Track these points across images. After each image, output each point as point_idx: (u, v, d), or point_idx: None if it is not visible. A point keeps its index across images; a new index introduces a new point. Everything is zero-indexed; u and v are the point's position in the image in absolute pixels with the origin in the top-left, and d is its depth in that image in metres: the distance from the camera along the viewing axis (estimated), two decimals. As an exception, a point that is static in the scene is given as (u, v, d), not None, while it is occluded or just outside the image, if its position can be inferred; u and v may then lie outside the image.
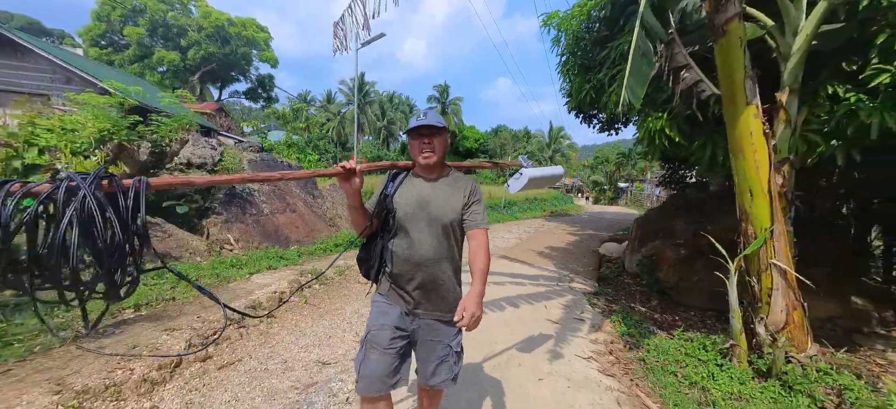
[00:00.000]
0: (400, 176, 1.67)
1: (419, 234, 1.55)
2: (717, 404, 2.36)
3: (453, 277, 1.62)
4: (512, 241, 9.66)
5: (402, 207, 1.57)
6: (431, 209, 1.56)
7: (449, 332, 1.61)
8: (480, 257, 1.54)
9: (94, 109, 4.74)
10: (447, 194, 1.59)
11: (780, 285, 2.67)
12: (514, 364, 2.90)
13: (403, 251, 1.57)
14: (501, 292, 4.88)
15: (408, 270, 1.56)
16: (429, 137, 1.55)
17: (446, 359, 1.60)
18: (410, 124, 1.56)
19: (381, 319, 1.59)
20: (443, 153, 1.60)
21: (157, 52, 21.61)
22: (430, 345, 1.60)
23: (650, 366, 2.91)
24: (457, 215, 1.57)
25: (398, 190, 1.62)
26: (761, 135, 2.66)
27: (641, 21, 2.38)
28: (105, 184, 1.08)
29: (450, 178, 1.66)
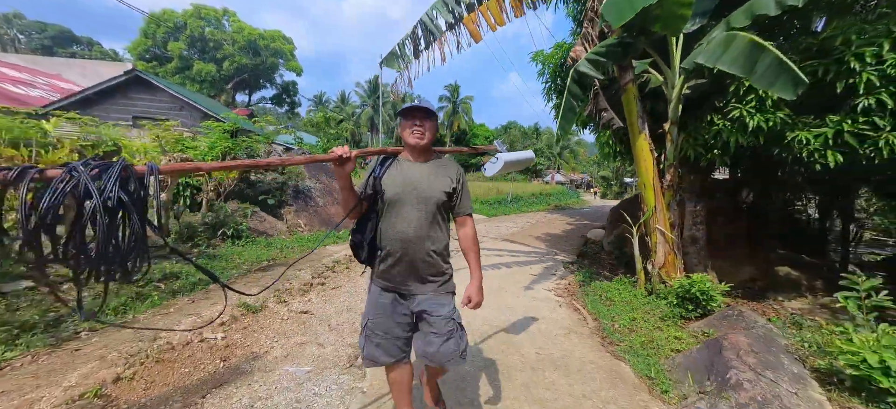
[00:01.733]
0: (388, 160, 1.73)
1: (407, 214, 1.61)
2: (615, 303, 4.18)
3: (441, 253, 1.68)
4: (515, 229, 11.46)
5: (390, 188, 1.63)
6: (419, 190, 1.62)
7: (447, 304, 1.68)
8: (473, 244, 1.70)
9: (211, 131, 6.76)
10: (434, 176, 1.66)
11: (661, 240, 4.45)
12: (504, 291, 4.76)
13: (393, 232, 1.62)
14: (500, 260, 6.73)
15: (398, 248, 1.61)
16: (421, 119, 1.63)
17: (450, 335, 1.65)
18: (404, 105, 1.65)
19: (377, 309, 1.68)
20: (432, 138, 1.67)
21: (196, 65, 24.00)
22: (433, 320, 1.65)
23: (587, 293, 4.73)
24: (443, 196, 1.64)
25: (386, 172, 1.67)
26: (648, 152, 4.43)
27: (568, 90, 4.16)
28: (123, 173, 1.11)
29: (436, 161, 1.74)
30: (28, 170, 1.02)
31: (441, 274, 1.68)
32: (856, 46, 3.91)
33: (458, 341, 1.66)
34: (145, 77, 10.32)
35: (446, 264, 1.71)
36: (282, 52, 26.04)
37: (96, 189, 1.04)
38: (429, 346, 1.65)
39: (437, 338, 1.63)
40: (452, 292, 1.74)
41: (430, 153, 1.73)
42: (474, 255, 1.73)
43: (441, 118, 42.78)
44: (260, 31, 24.96)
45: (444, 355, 1.64)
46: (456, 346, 1.65)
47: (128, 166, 1.13)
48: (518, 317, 3.85)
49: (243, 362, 2.72)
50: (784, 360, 2.20)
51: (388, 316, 1.66)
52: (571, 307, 4.28)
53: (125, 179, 1.11)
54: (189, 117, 9.79)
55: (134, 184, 1.12)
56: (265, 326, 3.31)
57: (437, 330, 1.63)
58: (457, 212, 1.73)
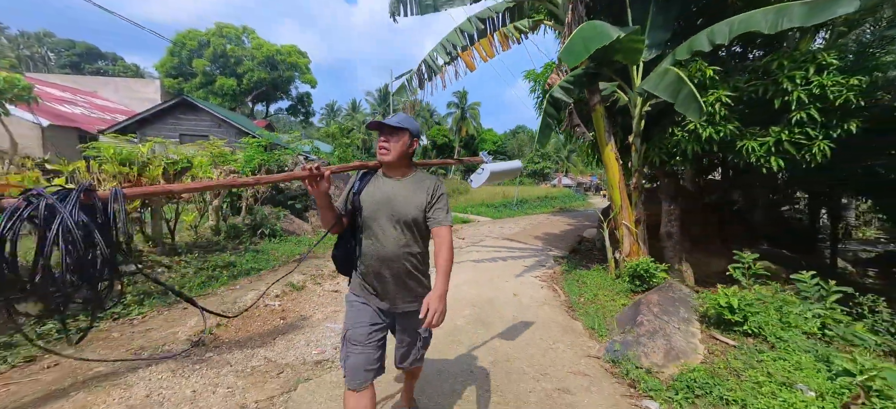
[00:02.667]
0: (368, 175, 1.73)
1: (383, 230, 1.62)
2: (587, 285, 5.09)
3: (419, 269, 1.70)
4: (516, 229, 12.36)
5: (368, 204, 1.64)
6: (394, 206, 1.62)
7: (419, 322, 1.67)
8: (443, 254, 1.62)
9: (248, 146, 7.90)
10: (410, 192, 1.66)
11: (626, 233, 5.35)
12: (496, 278, 5.70)
13: (370, 248, 1.64)
14: (498, 255, 7.67)
15: (375, 265, 1.64)
16: (386, 135, 1.63)
17: (414, 346, 1.76)
18: (373, 122, 1.64)
19: (356, 317, 1.70)
20: (399, 153, 1.64)
21: (219, 80, 25.60)
22: (403, 334, 1.76)
23: (567, 278, 5.64)
24: (419, 213, 1.64)
25: (365, 189, 1.69)
26: (614, 160, 5.35)
27: (545, 111, 5.11)
28: (83, 197, 1.10)
29: (414, 176, 1.72)
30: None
31: (418, 290, 1.71)
32: (788, 70, 4.78)
33: (417, 352, 1.82)
34: (190, 101, 11.78)
35: (424, 280, 1.74)
36: (297, 66, 27.56)
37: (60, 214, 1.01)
38: (405, 357, 1.80)
39: (404, 347, 1.78)
40: None
41: (409, 168, 1.73)
42: (444, 265, 1.62)
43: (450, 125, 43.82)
44: (277, 47, 26.51)
45: (412, 361, 1.81)
46: (417, 354, 1.82)
47: (90, 190, 1.12)
48: (504, 294, 4.80)
49: (296, 320, 3.73)
50: (681, 309, 3.11)
51: (367, 326, 1.67)
52: (551, 289, 5.21)
53: (89, 205, 1.09)
54: (226, 134, 11.10)
55: (98, 209, 1.11)
56: (307, 299, 4.33)
57: (412, 344, 1.78)
58: (431, 223, 1.68)
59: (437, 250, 1.64)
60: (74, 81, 22.86)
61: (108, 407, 2.08)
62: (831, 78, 4.55)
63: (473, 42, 5.29)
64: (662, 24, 5.27)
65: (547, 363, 2.86)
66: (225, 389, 2.35)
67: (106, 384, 2.29)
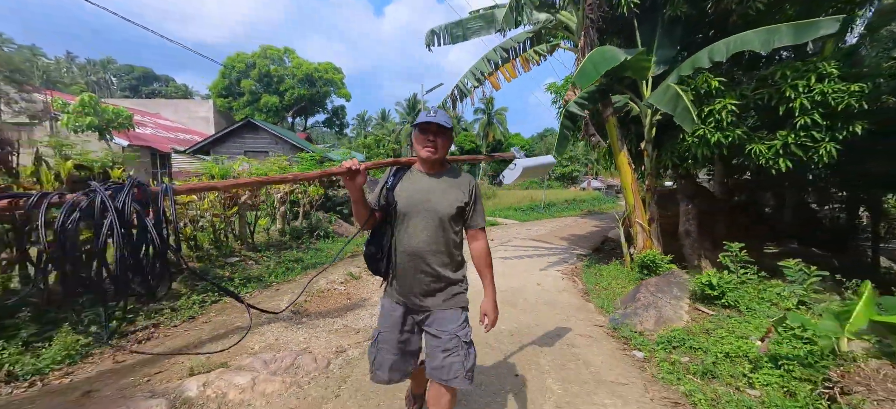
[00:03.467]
0: (401, 171, 1.74)
1: (417, 227, 1.61)
2: (603, 276, 5.75)
3: (452, 267, 1.67)
4: (543, 231, 12.97)
5: (402, 200, 1.63)
6: (430, 202, 1.62)
7: (454, 321, 1.65)
8: (485, 257, 1.69)
9: (303, 161, 9.11)
10: (447, 188, 1.65)
11: (640, 231, 5.95)
12: (523, 271, 6.46)
13: (403, 244, 1.63)
14: (525, 253, 8.40)
15: (407, 261, 1.62)
16: (434, 134, 1.61)
17: (455, 351, 1.61)
18: (418, 119, 1.61)
19: (388, 320, 1.70)
20: (445, 152, 1.66)
21: (263, 98, 27.82)
22: (436, 336, 1.65)
23: (586, 272, 6.31)
24: (455, 210, 1.63)
25: (399, 184, 1.68)
26: (627, 165, 5.99)
27: (562, 124, 5.82)
28: (136, 192, 1.14)
29: (450, 173, 1.72)
30: (46, 196, 1.05)
31: (451, 288, 1.67)
32: (791, 79, 5.28)
33: (464, 359, 1.61)
34: (254, 122, 13.52)
35: (458, 279, 1.69)
36: (333, 81, 29.44)
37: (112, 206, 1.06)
38: (433, 360, 1.64)
39: (442, 353, 1.61)
40: (463, 307, 1.71)
41: (443, 165, 1.72)
42: (488, 270, 1.71)
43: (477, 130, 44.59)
44: (315, 65, 28.48)
45: (447, 370, 1.60)
46: (461, 365, 1.60)
47: (141, 185, 1.16)
48: (529, 284, 5.56)
49: (358, 301, 4.69)
50: (674, 289, 3.76)
51: (397, 330, 1.68)
52: (571, 280, 5.91)
53: (141, 200, 1.14)
54: (282, 149, 12.62)
55: (150, 203, 1.16)
56: (365, 286, 5.30)
57: (442, 345, 1.62)
58: (469, 225, 1.71)
59: (479, 254, 1.70)
60: (140, 103, 25.69)
61: (254, 344, 3.08)
62: (831, 86, 4.99)
63: (498, 67, 6.13)
64: (668, 43, 5.88)
65: (560, 330, 3.62)
66: (323, 339, 3.30)
67: (248, 334, 3.31)
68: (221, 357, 2.69)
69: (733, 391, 2.36)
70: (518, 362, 2.92)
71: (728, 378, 2.46)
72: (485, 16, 6.19)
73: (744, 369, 2.48)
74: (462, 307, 1.69)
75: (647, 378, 2.66)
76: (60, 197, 1.05)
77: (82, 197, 1.06)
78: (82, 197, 1.06)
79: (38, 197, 1.04)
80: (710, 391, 2.38)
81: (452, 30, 6.24)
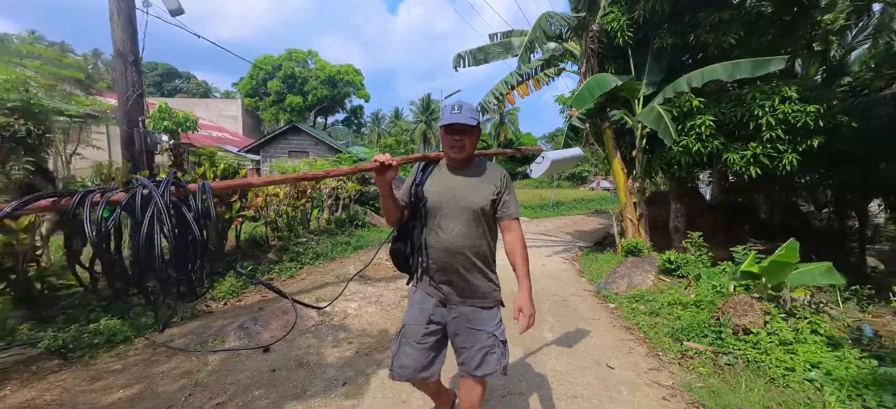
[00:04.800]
0: (430, 167, 1.72)
1: (449, 222, 1.59)
2: (597, 261, 6.99)
3: (485, 263, 1.65)
4: (551, 227, 14.18)
5: (433, 195, 1.62)
6: (461, 197, 1.60)
7: (490, 319, 1.64)
8: (520, 250, 1.66)
9: (340, 159, 10.53)
10: (477, 183, 1.64)
11: (630, 224, 7.17)
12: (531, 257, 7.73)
13: (435, 240, 1.61)
14: (533, 244, 9.66)
15: (440, 258, 1.60)
16: (460, 134, 1.58)
17: (492, 349, 1.61)
18: (443, 120, 1.58)
19: (415, 313, 1.68)
20: (473, 149, 1.64)
21: (288, 98, 29.51)
22: (471, 334, 1.62)
23: (584, 259, 7.55)
24: (487, 203, 1.61)
25: (428, 180, 1.67)
26: (620, 169, 7.20)
27: (566, 135, 7.04)
28: (174, 189, 1.14)
29: (479, 167, 1.70)
30: (89, 193, 1.05)
31: (488, 285, 1.66)
32: (759, 100, 6.41)
33: (500, 357, 1.62)
34: (298, 126, 15.26)
35: (491, 275, 1.68)
36: (353, 82, 31.01)
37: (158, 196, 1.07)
38: (470, 357, 1.63)
39: (478, 352, 1.61)
40: (495, 305, 1.70)
41: (472, 160, 1.69)
42: (522, 261, 1.66)
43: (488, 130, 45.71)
44: (337, 68, 30.08)
45: (485, 366, 1.61)
46: (497, 362, 1.61)
47: (179, 182, 1.16)
48: (535, 265, 6.82)
49: (402, 273, 6.05)
50: (646, 265, 5.00)
51: (424, 323, 1.66)
52: (571, 264, 7.17)
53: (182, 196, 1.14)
54: (321, 150, 14.17)
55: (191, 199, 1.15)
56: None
57: (478, 343, 1.61)
58: (501, 216, 1.67)
59: (513, 246, 1.66)
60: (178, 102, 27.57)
61: (346, 290, 4.47)
62: (791, 106, 6.10)
63: (514, 87, 7.40)
64: (657, 68, 7.06)
65: (558, 293, 4.89)
66: (390, 294, 4.65)
67: (333, 284, 4.69)
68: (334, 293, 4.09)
69: (667, 319, 3.62)
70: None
71: (666, 315, 3.71)
72: (503, 43, 7.47)
73: (678, 310, 3.73)
74: (494, 306, 1.69)
75: (613, 317, 3.95)
76: (101, 195, 1.06)
77: (122, 194, 1.08)
78: (122, 194, 1.08)
79: (82, 195, 1.05)
80: (652, 321, 3.65)
81: (476, 54, 7.53)
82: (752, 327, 2.93)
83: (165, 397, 2.33)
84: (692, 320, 3.37)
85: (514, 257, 1.67)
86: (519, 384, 2.62)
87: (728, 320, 3.08)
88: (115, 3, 3.74)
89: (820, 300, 3.47)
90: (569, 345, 3.29)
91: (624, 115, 7.58)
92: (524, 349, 3.18)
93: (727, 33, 6.41)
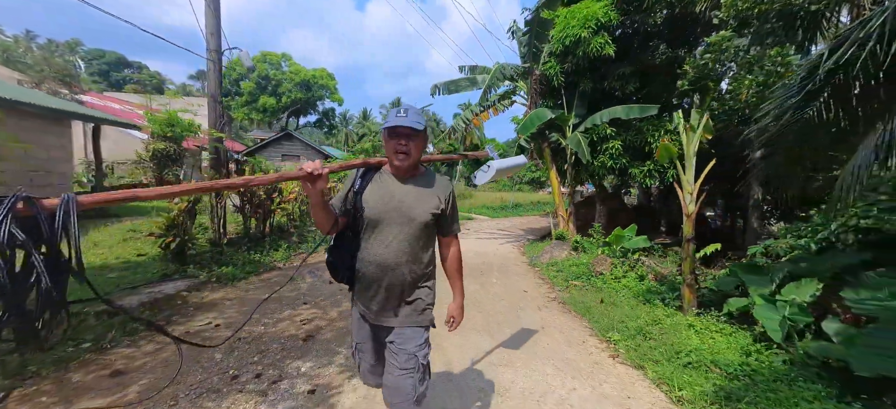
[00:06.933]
0: (370, 173, 1.61)
1: (388, 234, 1.51)
2: (537, 246, 9.36)
3: (422, 279, 1.58)
4: (508, 224, 16.59)
5: (372, 205, 1.52)
6: (404, 208, 1.51)
7: (415, 339, 1.55)
8: (458, 264, 1.66)
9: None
10: (421, 194, 1.56)
11: (561, 219, 9.60)
12: (488, 244, 9.99)
13: (371, 253, 1.52)
14: (490, 235, 11.95)
15: (374, 271, 1.52)
16: (406, 138, 1.49)
17: (411, 373, 1.52)
18: (388, 121, 1.48)
19: (361, 330, 1.65)
20: (418, 155, 1.54)
21: (261, 99, 30.23)
22: (397, 353, 1.54)
23: (527, 245, 9.90)
24: (430, 217, 1.54)
25: (368, 187, 1.56)
26: (555, 178, 9.62)
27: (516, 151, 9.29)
28: (21, 207, 0.89)
29: (425, 177, 1.62)
30: None
31: (419, 303, 1.58)
32: (651, 131, 8.99)
33: (418, 382, 1.52)
34: (290, 133, 16.77)
35: (427, 293, 1.60)
36: (327, 86, 32.22)
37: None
38: (387, 376, 1.55)
39: (398, 371, 1.52)
40: (427, 326, 1.61)
41: (417, 167, 1.60)
42: (459, 277, 1.67)
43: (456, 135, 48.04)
44: (312, 72, 31.18)
45: (398, 392, 1.52)
46: (412, 388, 1.51)
47: (28, 198, 0.90)
48: (491, 249, 9.06)
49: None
50: (564, 245, 7.35)
51: (371, 341, 1.64)
52: (517, 249, 9.47)
53: (26, 216, 0.88)
54: (311, 155, 15.78)
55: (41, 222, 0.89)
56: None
57: (399, 363, 1.52)
58: (444, 233, 1.64)
59: (452, 260, 1.66)
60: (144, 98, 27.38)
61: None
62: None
63: (476, 115, 9.62)
64: (581, 105, 9.53)
65: (503, 264, 7.10)
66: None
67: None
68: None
69: (564, 272, 5.94)
70: (482, 273, 6.41)
71: (567, 272, 6.01)
72: (470, 78, 9.68)
73: (571, 267, 6.05)
74: (425, 327, 1.60)
75: (535, 273, 6.23)
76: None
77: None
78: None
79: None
80: (556, 273, 5.95)
81: (449, 85, 9.67)
82: (603, 271, 5.27)
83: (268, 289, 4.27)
84: (577, 270, 5.71)
85: (452, 272, 1.69)
86: (472, 294, 4.75)
87: (593, 269, 5.42)
88: (213, 59, 5.48)
89: (642, 259, 5.93)
90: (505, 286, 5.48)
91: (559, 137, 10.03)
92: (479, 285, 5.34)
93: (629, 83, 9.00)
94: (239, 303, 4.22)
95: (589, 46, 7.86)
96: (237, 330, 3.12)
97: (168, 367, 2.76)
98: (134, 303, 3.71)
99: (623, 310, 4.25)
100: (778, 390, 2.53)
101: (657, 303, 4.35)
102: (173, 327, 3.42)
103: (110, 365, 2.74)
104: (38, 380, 2.50)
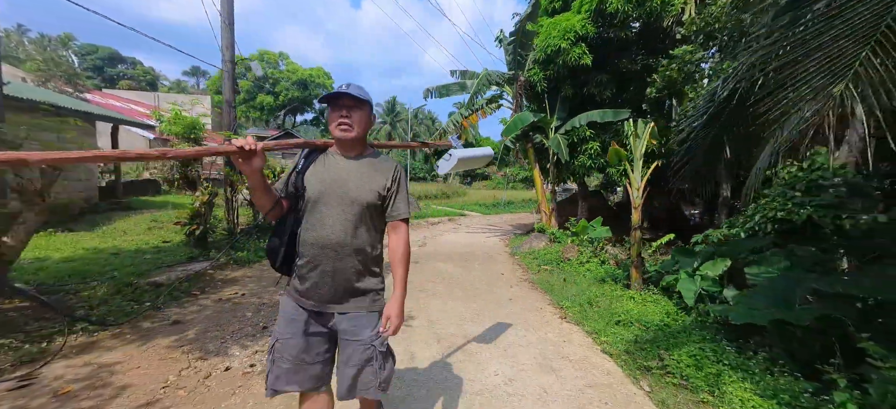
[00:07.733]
0: (314, 154, 1.55)
1: (331, 216, 1.43)
2: (520, 239, 10.19)
3: (369, 265, 1.50)
4: (498, 220, 17.43)
5: (314, 185, 1.45)
6: (347, 189, 1.44)
7: (366, 326, 1.47)
8: (403, 254, 1.51)
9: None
10: (366, 174, 1.48)
11: (543, 213, 10.43)
12: (476, 237, 10.80)
13: (312, 235, 1.44)
14: (480, 230, 12.77)
15: (316, 255, 1.43)
16: (349, 109, 1.42)
17: (370, 362, 1.44)
18: (329, 93, 1.42)
19: (289, 327, 1.47)
20: (363, 130, 1.48)
21: (259, 97, 30.78)
22: (350, 346, 1.45)
23: (512, 238, 10.73)
24: (375, 198, 1.47)
25: (311, 167, 1.49)
26: (538, 176, 10.45)
27: (501, 152, 10.11)
28: None
29: (371, 158, 1.54)
30: None
31: (367, 289, 1.49)
32: (625, 133, 9.83)
33: (378, 370, 1.44)
34: (290, 133, 17.15)
35: (375, 279, 1.53)
36: (324, 85, 32.81)
37: None
38: (344, 371, 1.45)
39: (354, 364, 1.43)
40: (380, 311, 1.52)
41: (364, 147, 1.54)
42: (402, 268, 1.51)
43: (451, 134, 48.78)
44: (309, 71, 31.78)
45: (359, 388, 1.44)
46: (374, 376, 1.44)
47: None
48: (479, 241, 9.87)
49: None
50: (542, 237, 8.17)
51: (301, 337, 1.45)
52: (503, 241, 10.29)
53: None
54: None
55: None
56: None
57: (356, 356, 1.44)
58: (389, 215, 1.53)
59: (395, 249, 1.52)
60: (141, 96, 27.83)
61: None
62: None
63: (466, 118, 10.41)
64: (562, 109, 10.35)
65: (488, 254, 7.90)
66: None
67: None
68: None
69: (538, 259, 6.75)
70: (466, 260, 7.22)
71: (543, 259, 6.82)
72: (460, 83, 10.47)
73: (545, 255, 6.87)
74: (379, 312, 1.51)
75: (514, 261, 7.05)
76: None
77: None
78: None
79: None
80: (531, 260, 6.77)
81: (440, 90, 10.45)
82: (571, 257, 6.10)
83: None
84: (549, 257, 6.54)
85: (395, 261, 1.53)
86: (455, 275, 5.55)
87: (563, 255, 6.24)
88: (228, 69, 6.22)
89: (607, 248, 6.77)
90: (485, 270, 6.29)
91: (542, 139, 10.86)
92: (463, 269, 6.15)
93: (606, 89, 9.82)
94: (256, 280, 4.98)
95: (568, 56, 8.66)
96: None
97: (210, 320, 3.54)
98: (172, 277, 4.46)
99: (580, 287, 5.07)
100: (678, 337, 3.36)
101: (610, 282, 5.18)
102: (209, 296, 4.23)
103: (168, 318, 3.54)
104: (114, 327, 3.28)
